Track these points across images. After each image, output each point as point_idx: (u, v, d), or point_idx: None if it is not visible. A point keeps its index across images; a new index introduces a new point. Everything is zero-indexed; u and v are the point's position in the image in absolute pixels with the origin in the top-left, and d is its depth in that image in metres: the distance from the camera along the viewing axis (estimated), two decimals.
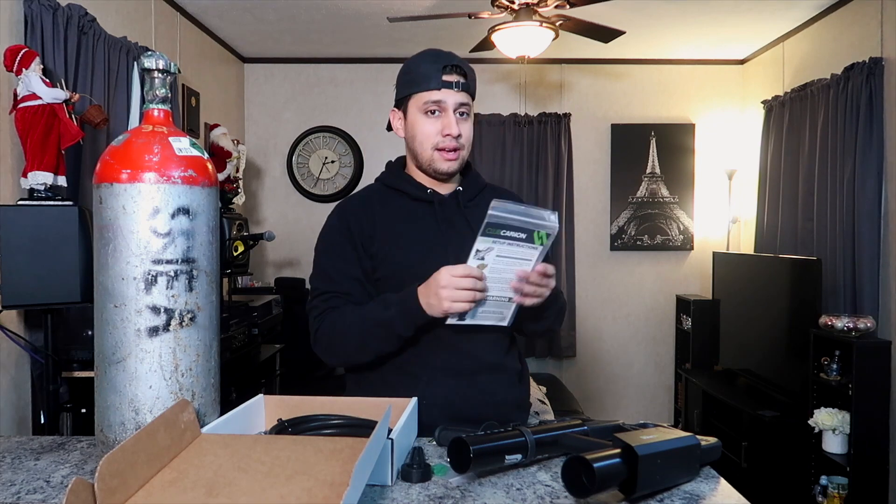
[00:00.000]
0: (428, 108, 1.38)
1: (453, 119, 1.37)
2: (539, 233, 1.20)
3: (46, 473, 1.04)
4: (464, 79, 1.38)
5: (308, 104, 4.63)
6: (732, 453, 3.38)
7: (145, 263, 1.04)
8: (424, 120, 1.39)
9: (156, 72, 1.11)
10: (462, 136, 1.39)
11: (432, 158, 1.40)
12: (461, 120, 1.38)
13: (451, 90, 1.36)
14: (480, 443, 0.99)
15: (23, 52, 2.07)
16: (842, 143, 3.23)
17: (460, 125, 1.38)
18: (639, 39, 4.03)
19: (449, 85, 1.36)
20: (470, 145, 1.42)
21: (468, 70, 1.40)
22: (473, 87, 1.42)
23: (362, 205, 1.46)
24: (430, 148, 1.39)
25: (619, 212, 4.60)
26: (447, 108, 1.37)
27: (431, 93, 1.37)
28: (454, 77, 1.37)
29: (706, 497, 0.98)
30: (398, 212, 1.43)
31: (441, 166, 1.40)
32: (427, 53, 1.41)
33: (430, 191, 1.44)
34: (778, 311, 3.39)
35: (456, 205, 1.44)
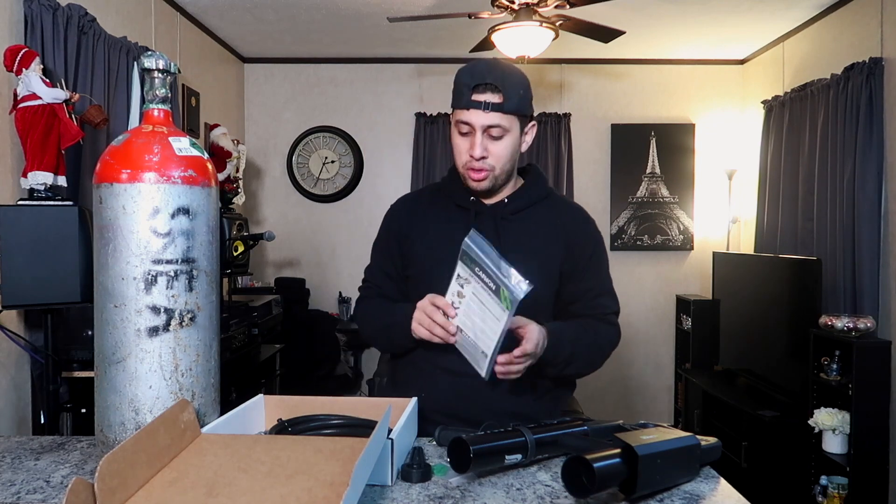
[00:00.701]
0: (459, 127, 1.37)
1: (478, 141, 1.33)
2: (504, 292, 1.13)
3: (46, 473, 1.04)
4: (497, 97, 1.32)
5: (308, 104, 4.63)
6: (732, 453, 3.38)
7: (145, 263, 1.04)
8: (457, 138, 1.38)
9: (156, 72, 1.11)
10: (490, 157, 1.35)
11: (464, 176, 1.40)
12: (491, 141, 1.34)
13: (479, 111, 1.32)
14: (480, 443, 0.99)
15: (23, 52, 2.07)
16: (842, 143, 3.23)
17: (490, 146, 1.34)
18: (639, 39, 4.03)
19: (478, 105, 1.32)
20: (506, 163, 1.37)
21: (508, 85, 1.33)
22: (516, 105, 1.34)
23: (409, 205, 1.53)
24: (461, 165, 1.39)
25: (619, 212, 4.60)
26: (475, 130, 1.34)
27: (462, 112, 1.35)
28: (485, 96, 1.32)
29: (706, 497, 0.98)
30: (438, 216, 1.46)
31: (469, 185, 1.40)
32: (469, 67, 1.37)
33: (473, 199, 1.43)
34: (778, 311, 3.39)
35: (493, 216, 1.42)
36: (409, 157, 4.55)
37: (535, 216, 1.44)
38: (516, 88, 1.35)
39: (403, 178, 4.54)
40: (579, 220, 1.48)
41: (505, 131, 1.34)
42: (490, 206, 1.43)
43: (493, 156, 1.35)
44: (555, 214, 1.46)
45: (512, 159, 1.39)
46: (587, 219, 1.50)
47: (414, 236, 1.46)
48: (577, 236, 1.45)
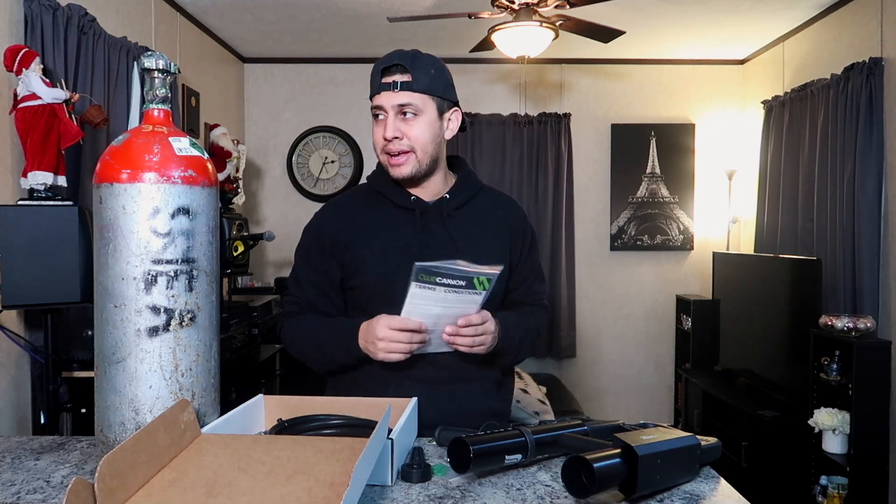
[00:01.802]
0: (374, 112, 1.36)
1: (390, 122, 1.32)
2: (476, 280, 1.18)
3: (46, 473, 1.04)
4: (406, 77, 1.31)
5: (308, 104, 4.63)
6: (732, 453, 3.38)
7: (145, 263, 1.04)
8: (374, 126, 1.37)
9: (156, 72, 1.11)
10: (405, 138, 1.32)
11: (385, 165, 1.37)
12: (404, 120, 1.32)
13: (389, 91, 1.31)
14: (480, 443, 0.99)
15: (23, 52, 2.07)
16: (842, 143, 3.23)
17: (403, 126, 1.32)
18: (639, 39, 4.03)
19: (386, 87, 1.32)
20: (425, 145, 1.34)
21: (417, 66, 1.32)
22: (426, 84, 1.32)
23: (342, 211, 1.44)
24: (379, 153, 1.37)
25: (619, 212, 4.60)
26: (387, 111, 1.33)
27: (374, 97, 1.35)
28: (394, 77, 1.31)
29: (706, 497, 0.98)
30: (379, 219, 1.40)
31: (392, 172, 1.36)
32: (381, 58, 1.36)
33: (414, 198, 1.40)
34: (778, 311, 3.39)
35: (439, 213, 1.40)
36: None
37: (477, 210, 1.45)
38: (426, 68, 1.34)
39: None
40: (516, 210, 1.51)
41: (418, 111, 1.33)
42: (433, 204, 1.41)
43: (408, 137, 1.33)
44: (494, 206, 1.48)
45: (433, 143, 1.36)
46: (520, 208, 1.54)
47: (356, 245, 1.39)
48: (517, 226, 1.48)
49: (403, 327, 1.23)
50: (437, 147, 1.38)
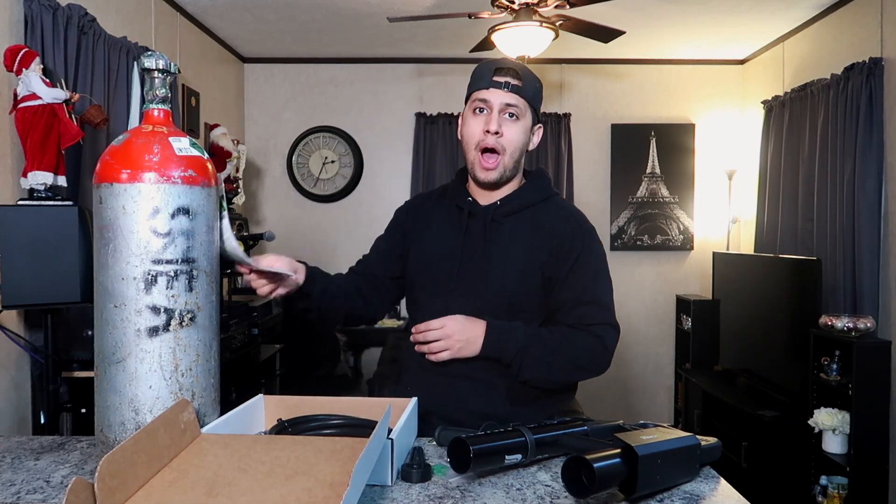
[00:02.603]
0: (476, 105, 1.40)
1: (496, 117, 1.37)
2: None
3: (46, 473, 1.04)
4: (517, 81, 1.37)
5: (308, 104, 4.63)
6: (732, 453, 3.38)
7: (145, 263, 1.04)
8: (471, 118, 1.41)
9: (156, 72, 1.11)
10: (504, 136, 1.37)
11: (474, 162, 1.41)
12: (507, 121, 1.38)
13: (499, 90, 1.37)
14: (480, 443, 0.99)
15: (23, 52, 2.07)
16: (842, 143, 3.23)
17: (504, 126, 1.37)
18: (639, 39, 4.03)
19: (498, 85, 1.37)
20: (515, 151, 1.39)
21: (527, 76, 1.39)
22: (531, 93, 1.40)
23: (417, 205, 1.59)
24: (473, 147, 1.40)
25: (619, 212, 4.60)
26: (493, 107, 1.38)
27: (480, 91, 1.39)
28: (505, 78, 1.37)
29: (706, 497, 0.98)
30: (439, 217, 1.51)
31: (479, 174, 1.40)
32: (490, 59, 1.45)
33: (471, 200, 1.47)
34: (778, 311, 3.39)
35: (485, 218, 1.43)
36: (409, 157, 4.55)
37: (527, 219, 1.43)
38: (533, 80, 1.42)
39: (403, 178, 4.54)
40: (571, 226, 1.43)
41: (520, 115, 1.39)
42: (484, 208, 1.45)
43: (506, 137, 1.38)
44: (547, 219, 1.43)
45: (521, 150, 1.41)
46: (579, 225, 1.45)
47: (414, 236, 1.52)
48: (562, 242, 1.40)
49: None
50: (522, 155, 1.43)
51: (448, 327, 1.33)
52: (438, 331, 1.33)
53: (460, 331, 1.33)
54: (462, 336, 1.33)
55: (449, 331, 1.33)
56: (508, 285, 1.40)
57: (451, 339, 1.33)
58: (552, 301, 1.41)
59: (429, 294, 1.47)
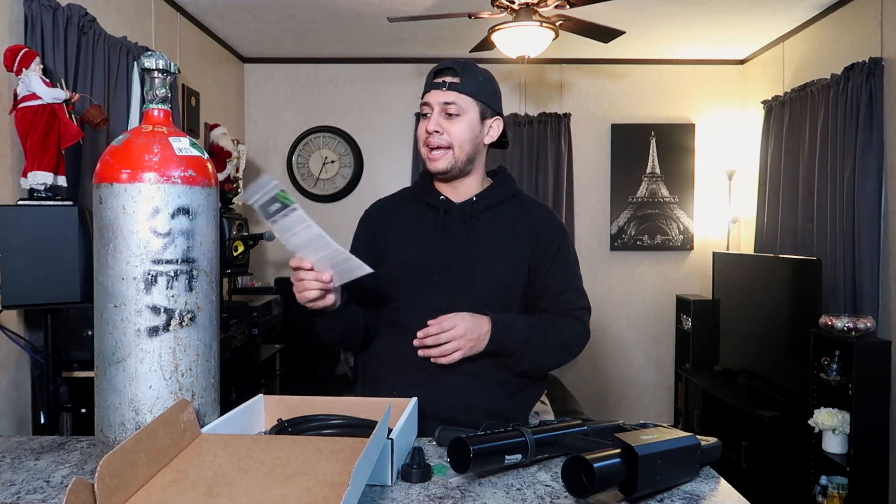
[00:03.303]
0: (422, 111, 1.45)
1: (435, 117, 1.41)
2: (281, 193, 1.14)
3: (46, 473, 1.04)
4: (454, 78, 1.41)
5: (308, 104, 4.63)
6: (732, 453, 3.38)
7: (145, 263, 1.04)
8: (420, 123, 1.46)
9: (156, 72, 1.11)
10: (447, 132, 1.41)
11: (425, 157, 1.45)
12: (446, 118, 1.41)
13: (438, 90, 1.41)
14: (480, 443, 0.99)
15: (23, 52, 2.07)
16: (842, 143, 3.23)
17: (444, 122, 1.41)
18: (639, 39, 4.03)
19: (437, 86, 1.42)
20: (463, 144, 1.42)
21: (466, 70, 1.41)
22: (474, 88, 1.42)
23: (382, 209, 1.58)
24: (421, 146, 1.45)
25: (619, 212, 4.60)
26: (433, 108, 1.42)
27: (424, 96, 1.44)
28: (442, 78, 1.42)
29: (706, 497, 0.98)
30: (409, 217, 1.51)
31: (429, 166, 1.45)
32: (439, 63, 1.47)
33: (444, 198, 1.48)
34: (778, 311, 3.39)
35: (462, 214, 1.46)
36: (408, 157, 4.55)
37: (503, 214, 1.49)
38: (475, 75, 1.43)
39: (403, 178, 4.54)
40: (545, 219, 1.52)
41: (461, 111, 1.41)
42: (459, 205, 1.47)
43: (448, 133, 1.41)
44: (522, 213, 1.50)
45: (471, 143, 1.43)
46: (553, 218, 1.55)
47: (387, 237, 1.51)
48: (542, 234, 1.48)
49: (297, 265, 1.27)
50: (475, 149, 1.45)
51: (460, 326, 1.31)
52: (451, 331, 1.31)
53: (471, 329, 1.33)
54: (473, 334, 1.33)
55: (461, 330, 1.32)
56: (500, 277, 1.42)
57: (463, 338, 1.32)
58: (535, 289, 1.47)
59: (413, 294, 1.43)
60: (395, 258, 1.47)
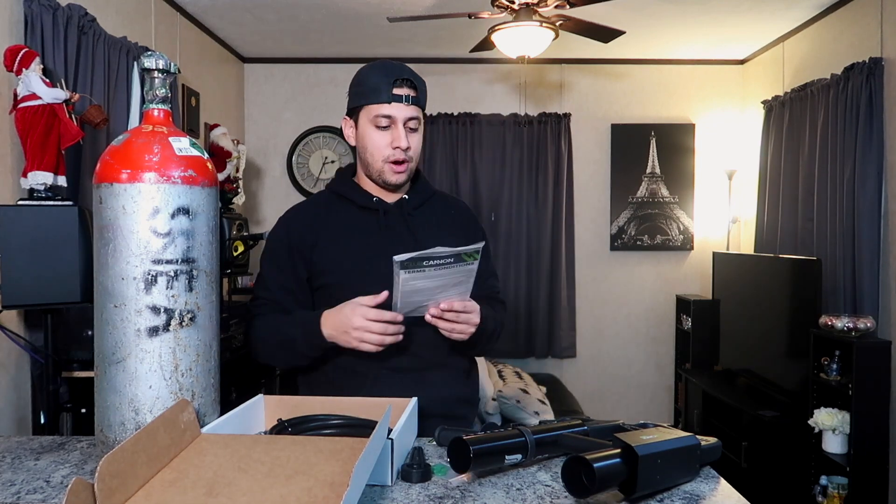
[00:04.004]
0: (378, 121, 1.41)
1: (402, 132, 1.41)
2: (464, 255, 1.25)
3: (46, 473, 1.04)
4: (414, 92, 1.41)
5: (308, 104, 4.63)
6: (732, 453, 3.38)
7: (145, 263, 1.04)
8: (375, 133, 1.42)
9: (156, 72, 1.11)
10: (411, 148, 1.43)
11: (382, 170, 1.44)
12: (410, 133, 1.43)
13: (401, 104, 1.40)
14: (480, 443, 0.99)
15: (23, 52, 2.07)
16: (842, 143, 3.23)
17: (409, 138, 1.42)
18: (639, 39, 4.03)
19: (399, 98, 1.40)
20: (418, 156, 1.47)
21: (419, 83, 1.44)
22: (424, 100, 1.45)
23: (306, 214, 1.53)
24: (380, 160, 1.43)
25: (619, 212, 4.60)
26: (397, 122, 1.41)
27: (382, 106, 1.40)
28: (404, 90, 1.40)
29: (706, 497, 0.98)
30: (343, 220, 1.48)
31: (390, 178, 1.45)
32: (379, 65, 1.45)
33: (376, 199, 1.49)
34: (778, 311, 3.39)
35: (400, 213, 1.49)
36: None
37: (434, 210, 1.54)
38: (423, 85, 1.46)
39: None
40: (468, 211, 1.63)
41: (419, 125, 1.45)
42: (394, 204, 1.50)
43: (413, 148, 1.44)
44: (446, 206, 1.59)
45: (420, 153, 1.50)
46: (471, 210, 1.66)
47: (322, 244, 1.46)
48: (469, 224, 1.59)
49: (379, 318, 1.28)
50: None
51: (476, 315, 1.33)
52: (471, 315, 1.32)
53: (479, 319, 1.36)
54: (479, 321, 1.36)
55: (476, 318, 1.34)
56: None
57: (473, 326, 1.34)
58: None
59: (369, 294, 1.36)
60: (342, 264, 1.44)
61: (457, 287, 1.29)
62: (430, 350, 1.44)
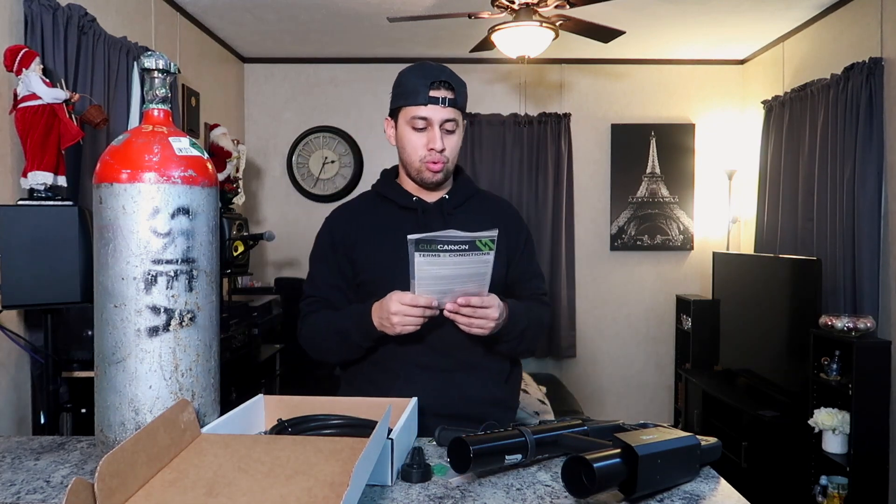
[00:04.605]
0: (415, 123, 1.43)
1: (438, 134, 1.42)
2: (479, 242, 1.25)
3: (46, 473, 1.04)
4: (451, 94, 1.42)
5: (308, 104, 4.63)
6: (732, 453, 3.38)
7: (145, 263, 1.04)
8: (412, 134, 1.45)
9: (156, 72, 1.11)
10: (446, 150, 1.44)
11: (419, 169, 1.46)
12: (446, 135, 1.44)
13: (438, 106, 1.41)
14: (480, 443, 0.98)
15: (23, 52, 2.07)
16: (842, 143, 3.23)
17: (445, 140, 1.43)
18: (639, 39, 4.03)
19: (435, 101, 1.41)
20: (455, 156, 1.48)
21: (457, 84, 1.44)
22: (462, 102, 1.46)
23: (349, 213, 1.57)
24: (417, 160, 1.46)
25: (619, 212, 4.60)
26: (433, 124, 1.42)
27: (419, 108, 1.42)
28: (441, 93, 1.41)
29: (706, 497, 0.98)
30: (383, 219, 1.51)
31: (427, 177, 1.47)
32: (418, 67, 1.47)
33: (416, 199, 1.51)
34: (778, 311, 3.39)
35: (439, 212, 1.50)
36: None
37: (474, 209, 1.55)
38: (462, 87, 1.46)
39: None
40: (511, 210, 1.63)
41: (457, 126, 1.45)
42: (434, 204, 1.51)
43: (448, 149, 1.45)
44: (489, 206, 1.59)
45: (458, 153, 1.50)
46: (516, 210, 1.65)
47: (363, 242, 1.50)
48: (512, 224, 1.57)
49: (414, 303, 1.29)
50: None
51: (495, 310, 1.33)
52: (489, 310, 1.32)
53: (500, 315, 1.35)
54: (500, 321, 1.36)
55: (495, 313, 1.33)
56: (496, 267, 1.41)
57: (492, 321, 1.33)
58: (510, 277, 1.55)
59: None
60: (380, 262, 1.47)
61: (474, 279, 1.29)
62: (463, 350, 1.44)
